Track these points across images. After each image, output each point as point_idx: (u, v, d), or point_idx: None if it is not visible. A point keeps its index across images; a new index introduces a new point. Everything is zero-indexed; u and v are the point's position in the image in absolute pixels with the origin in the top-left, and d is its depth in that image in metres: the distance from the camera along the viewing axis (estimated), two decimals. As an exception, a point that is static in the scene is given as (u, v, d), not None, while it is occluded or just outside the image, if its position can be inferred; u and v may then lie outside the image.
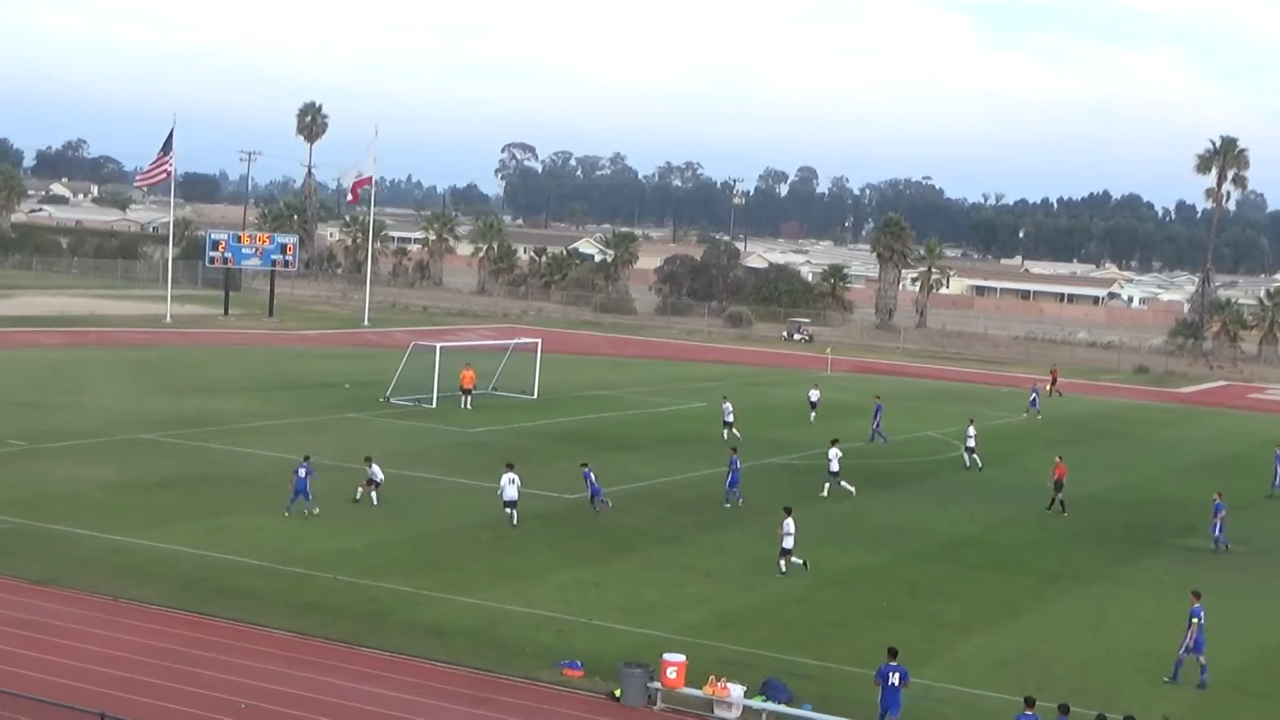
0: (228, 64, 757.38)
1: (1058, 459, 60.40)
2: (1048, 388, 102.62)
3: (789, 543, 44.42)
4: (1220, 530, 52.46)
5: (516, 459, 55.69)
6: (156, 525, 45.85)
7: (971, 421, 69.00)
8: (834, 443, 59.39)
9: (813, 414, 79.36)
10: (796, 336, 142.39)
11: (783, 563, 44.49)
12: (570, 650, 35.22)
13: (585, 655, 34.74)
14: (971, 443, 67.56)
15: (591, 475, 51.76)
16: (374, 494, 50.92)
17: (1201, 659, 36.51)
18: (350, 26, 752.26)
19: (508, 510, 49.06)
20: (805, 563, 44.63)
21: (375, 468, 51.31)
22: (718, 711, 31.99)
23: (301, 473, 49.14)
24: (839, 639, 38.41)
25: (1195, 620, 36.74)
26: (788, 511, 45.01)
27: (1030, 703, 29.64)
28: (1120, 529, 54.84)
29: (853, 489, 57.46)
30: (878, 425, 73.88)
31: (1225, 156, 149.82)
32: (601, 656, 34.77)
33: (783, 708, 31.86)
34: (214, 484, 53.39)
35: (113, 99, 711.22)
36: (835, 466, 58.20)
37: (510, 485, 49.04)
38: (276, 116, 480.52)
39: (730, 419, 71.32)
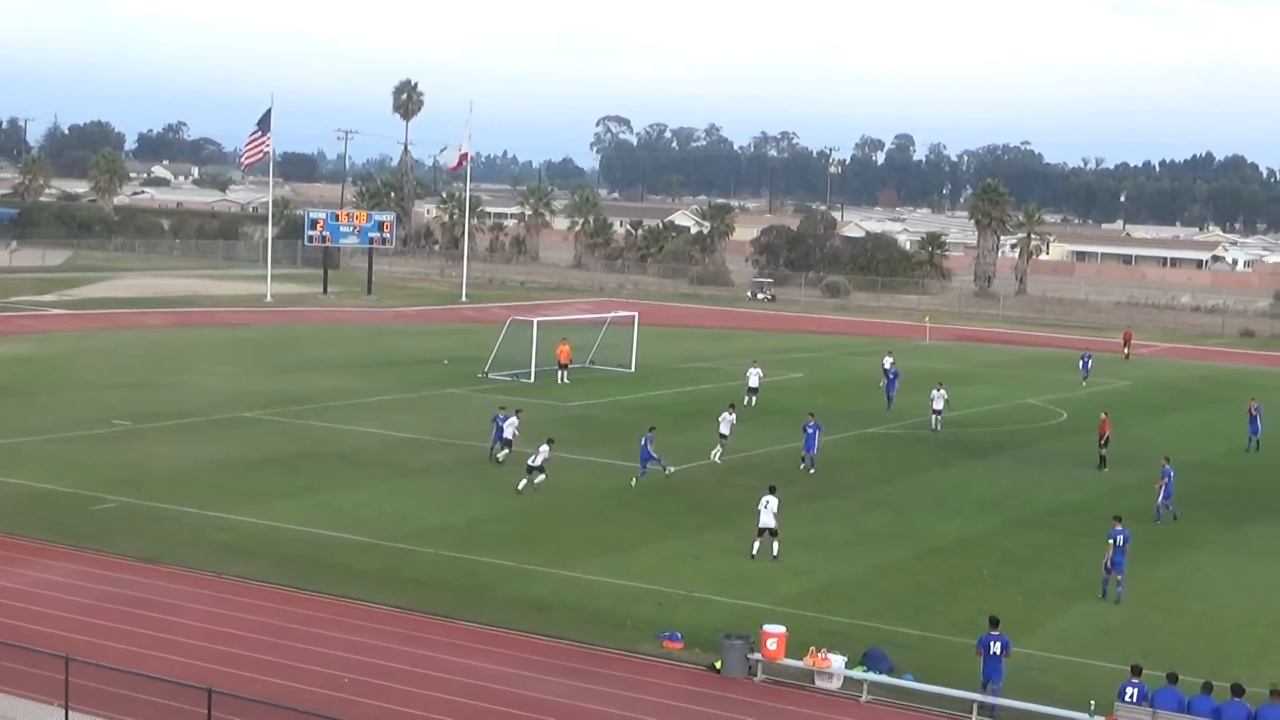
0: (324, 43, 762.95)
1: (1103, 415, 60.11)
2: (1123, 351, 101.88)
3: (768, 521, 42.15)
4: (1165, 496, 49.74)
5: (614, 432, 56.07)
6: (259, 502, 46.31)
7: (940, 385, 68.35)
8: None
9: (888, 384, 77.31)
10: (760, 296, 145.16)
11: (757, 543, 42.32)
12: (670, 622, 35.23)
13: (685, 627, 34.74)
14: (939, 405, 66.72)
15: (648, 443, 51.72)
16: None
17: (1120, 577, 39.15)
18: (444, 3, 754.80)
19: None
20: (774, 556, 42.29)
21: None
22: (819, 682, 31.91)
23: (501, 420, 53.46)
24: (940, 609, 38.19)
25: (1111, 541, 39.37)
26: (772, 490, 43.07)
27: (1137, 671, 29.30)
28: (1227, 495, 54.12)
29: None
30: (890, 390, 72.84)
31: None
32: (702, 628, 34.76)
33: (884, 678, 31.73)
34: (315, 461, 53.85)
35: (211, 81, 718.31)
36: (725, 430, 57.13)
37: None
38: (372, 95, 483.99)
39: (756, 384, 70.83)
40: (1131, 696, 28.76)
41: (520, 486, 48.94)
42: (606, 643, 33.97)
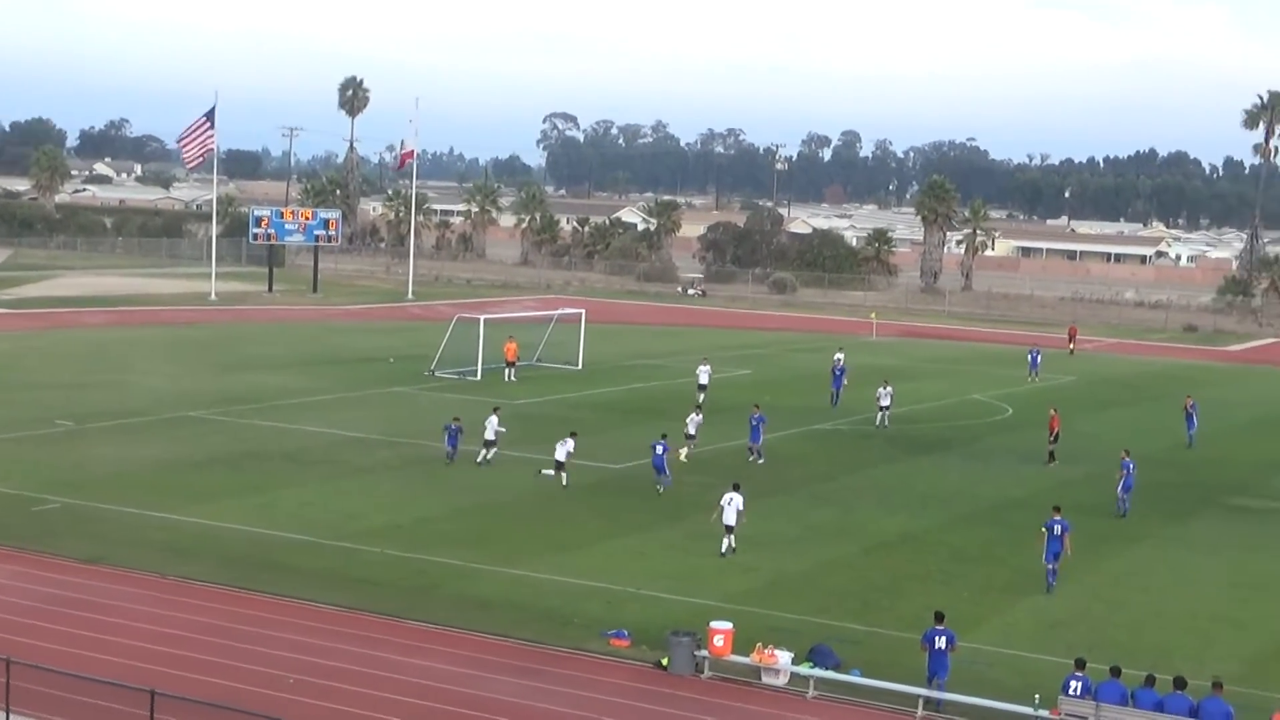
0: (269, 40, 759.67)
1: (1052, 411, 60.56)
2: (1069, 346, 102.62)
3: (731, 518, 42.40)
4: (1125, 489, 50.46)
5: (562, 430, 55.74)
6: (203, 502, 46.02)
7: (886, 382, 68.68)
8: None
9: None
10: (691, 291, 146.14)
11: (725, 541, 42.51)
12: (618, 620, 35.21)
13: (633, 625, 34.72)
14: (886, 401, 66.97)
15: (660, 449, 51.32)
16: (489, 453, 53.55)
17: (1056, 566, 39.90)
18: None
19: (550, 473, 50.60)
20: (731, 550, 42.39)
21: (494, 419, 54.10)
22: (765, 679, 31.94)
23: (454, 429, 53.67)
24: (886, 604, 38.31)
25: (1044, 530, 40.21)
26: (735, 487, 43.37)
27: (1081, 664, 29.52)
28: (1170, 489, 54.45)
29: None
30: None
31: (1273, 111, 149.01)
32: (649, 625, 34.74)
33: (830, 674, 31.78)
34: (260, 460, 53.57)
35: (154, 78, 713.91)
36: (692, 430, 57.49)
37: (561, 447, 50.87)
38: (318, 92, 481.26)
39: (706, 381, 71.03)
40: (1076, 690, 28.94)
41: (555, 477, 50.52)
42: (554, 641, 33.91)
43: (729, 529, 42.58)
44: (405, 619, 35.09)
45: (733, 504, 42.50)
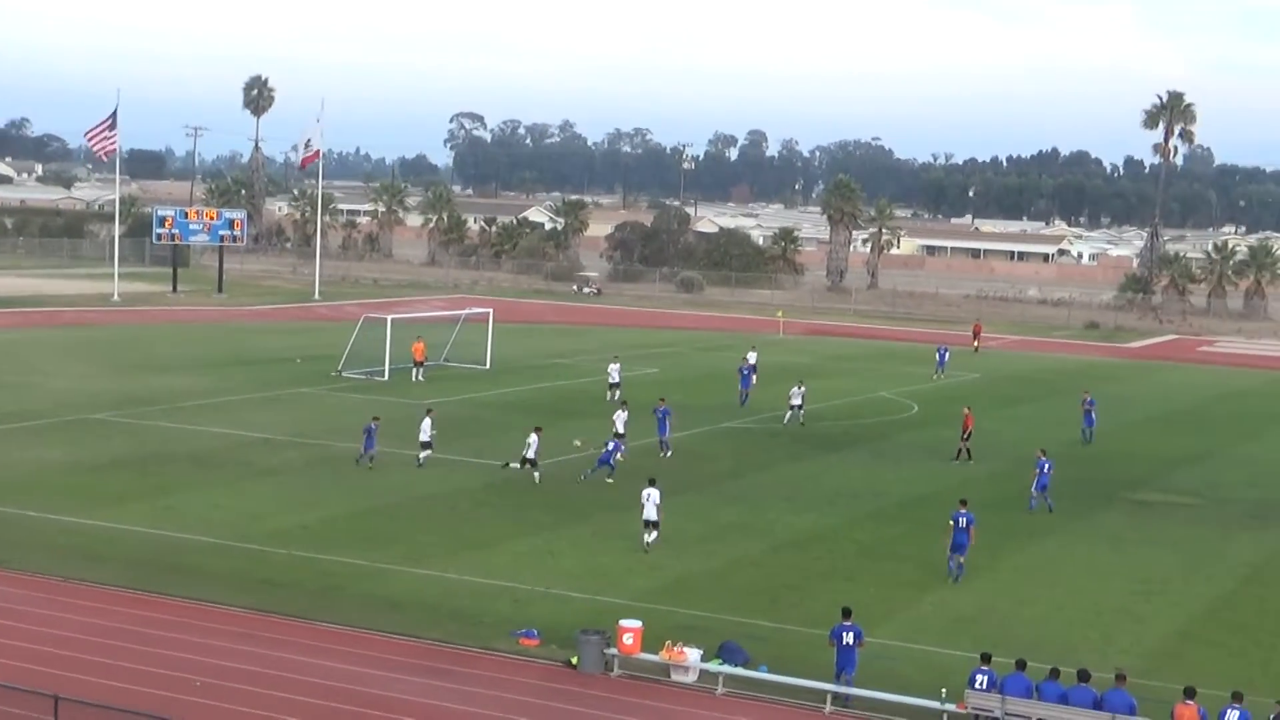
0: (172, 38, 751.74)
1: (966, 409, 61.19)
2: (973, 344, 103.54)
3: (651, 513, 42.73)
4: (1039, 488, 51.07)
5: (471, 429, 55.86)
6: (108, 505, 45.52)
7: (801, 382, 69.20)
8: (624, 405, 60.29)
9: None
10: (587, 290, 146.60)
11: (646, 536, 42.92)
12: (527, 619, 35.18)
13: (542, 624, 34.70)
14: (798, 400, 67.37)
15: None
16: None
17: (962, 559, 40.70)
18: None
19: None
20: (652, 545, 42.91)
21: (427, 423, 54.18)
22: (674, 676, 32.03)
23: (372, 426, 52.96)
24: (794, 601, 38.50)
25: (952, 523, 40.95)
26: (652, 482, 43.82)
27: (986, 659, 29.84)
28: (1073, 485, 54.99)
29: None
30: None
31: (1172, 111, 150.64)
32: (558, 624, 34.75)
33: (739, 670, 31.92)
34: (165, 462, 53.05)
35: (55, 77, 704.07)
36: (620, 428, 57.39)
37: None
38: (222, 91, 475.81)
39: (617, 379, 71.20)
40: (982, 684, 29.24)
41: (524, 471, 50.49)
42: (463, 640, 33.85)
43: (648, 524, 42.80)
44: (313, 620, 34.91)
45: (651, 499, 42.73)
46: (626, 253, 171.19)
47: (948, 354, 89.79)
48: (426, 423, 54.31)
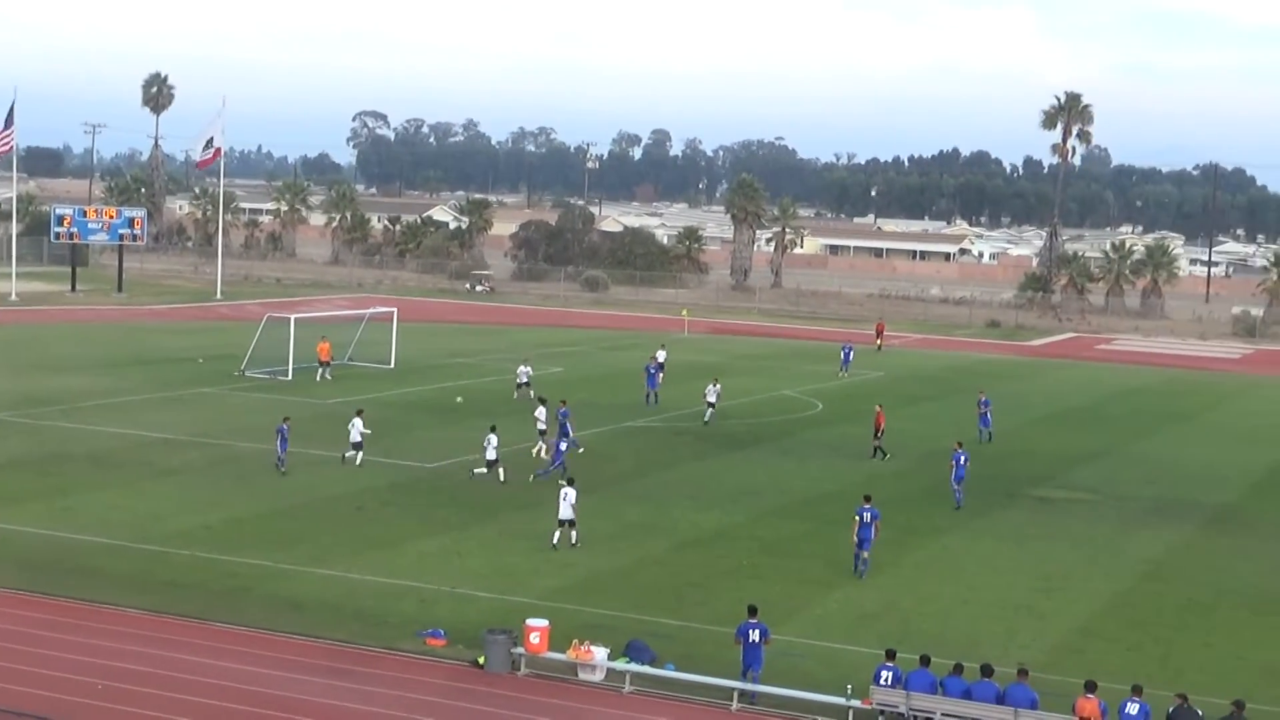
0: (69, 33, 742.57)
1: (878, 407, 61.67)
2: (876, 342, 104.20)
3: (567, 512, 42.89)
4: (957, 480, 51.73)
5: (376, 429, 55.50)
6: (5, 506, 44.91)
7: (716, 380, 69.64)
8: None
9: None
10: (479, 288, 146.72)
11: (557, 534, 43.04)
12: (433, 619, 35.05)
13: (448, 623, 34.59)
14: (713, 398, 67.69)
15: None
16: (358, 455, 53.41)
17: (865, 554, 41.26)
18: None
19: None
20: (572, 544, 43.09)
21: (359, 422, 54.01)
22: (582, 674, 32.03)
23: (283, 428, 52.01)
24: (700, 599, 38.59)
25: (856, 518, 41.45)
26: (570, 481, 44.13)
27: (891, 655, 30.06)
28: (975, 481, 55.31)
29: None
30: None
31: (1070, 112, 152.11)
32: (465, 624, 34.65)
33: (646, 668, 31.97)
34: (64, 463, 52.40)
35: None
36: (542, 426, 57.87)
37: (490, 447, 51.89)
38: (121, 88, 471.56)
39: (526, 380, 71.01)
40: (886, 680, 29.45)
41: (490, 475, 49.96)
42: (368, 641, 33.68)
43: (563, 523, 42.94)
44: (215, 622, 34.60)
45: (567, 499, 42.88)
46: (531, 252, 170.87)
47: (852, 352, 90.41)
48: (357, 422, 54.05)
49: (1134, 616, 39.04)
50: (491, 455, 51.06)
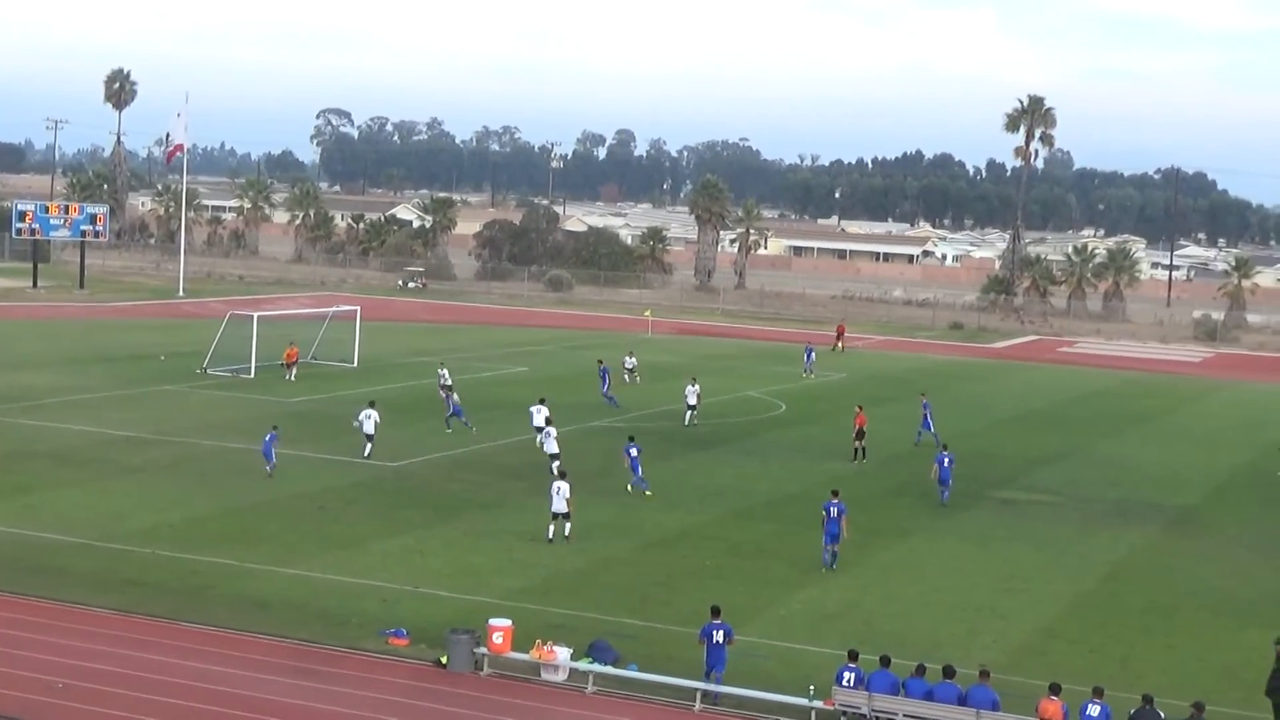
0: (30, 28, 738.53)
1: (858, 409, 61.82)
2: (835, 344, 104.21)
3: (560, 506, 43.63)
4: (941, 481, 52.57)
5: (336, 428, 55.44)
6: (-34, 504, 44.72)
7: (694, 380, 69.71)
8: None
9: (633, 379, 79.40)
10: (411, 285, 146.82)
11: (551, 528, 43.71)
12: (396, 619, 35.02)
13: (411, 623, 34.57)
14: (693, 400, 67.79)
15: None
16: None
17: (834, 547, 42.12)
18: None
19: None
20: (565, 538, 43.77)
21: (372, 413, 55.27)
22: (544, 675, 32.05)
23: (269, 439, 51.49)
24: (663, 599, 38.64)
25: (824, 512, 42.36)
26: (562, 475, 44.99)
27: (853, 656, 30.17)
28: (935, 483, 55.66)
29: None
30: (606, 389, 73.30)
31: (1033, 115, 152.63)
32: (428, 624, 34.63)
33: (609, 669, 32.00)
34: (25, 460, 52.16)
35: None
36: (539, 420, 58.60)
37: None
38: (83, 84, 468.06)
39: (449, 382, 70.44)
40: (849, 680, 29.56)
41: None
42: (331, 640, 33.64)
43: (556, 516, 43.55)
44: (178, 620, 34.52)
45: (560, 492, 43.54)
46: (495, 251, 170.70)
47: (814, 354, 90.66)
48: (373, 413, 55.06)
49: (1096, 618, 39.24)
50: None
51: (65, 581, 37.21)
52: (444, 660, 32.27)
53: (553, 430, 55.00)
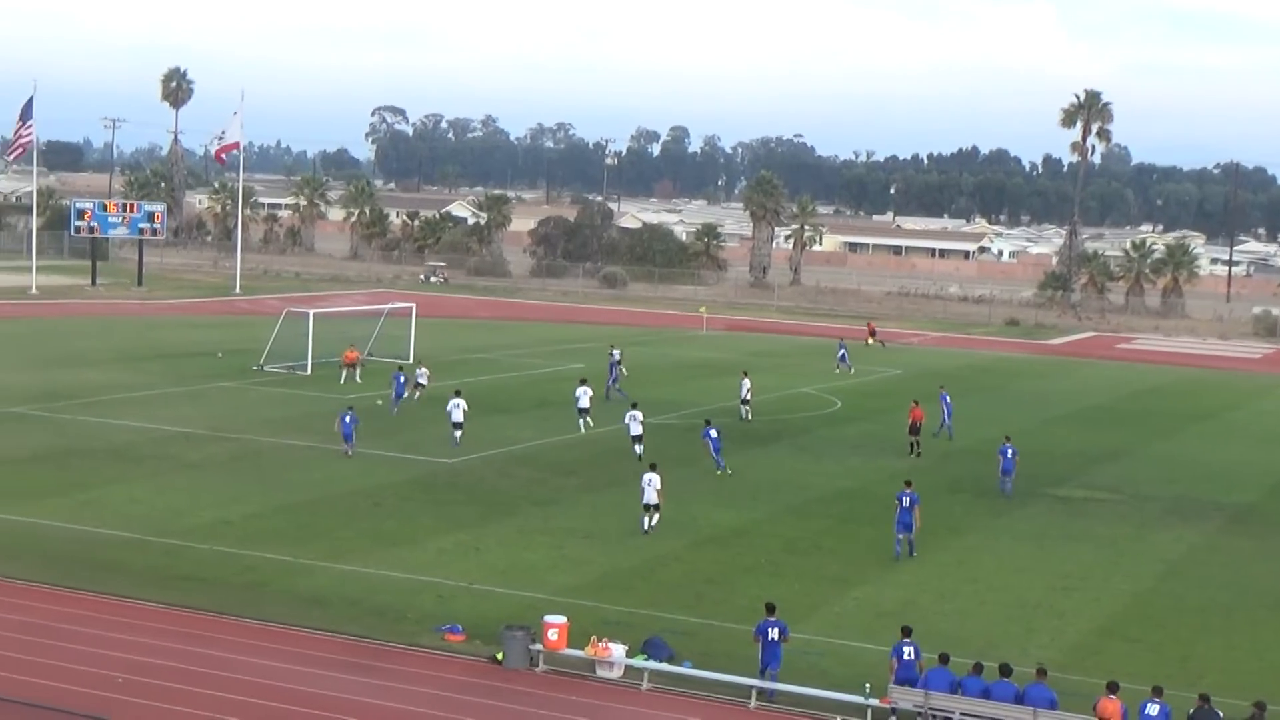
0: (89, 28, 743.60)
1: (914, 404, 61.53)
2: (867, 339, 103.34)
3: (651, 497, 44.60)
4: (1004, 472, 53.62)
5: (394, 424, 55.62)
6: (26, 500, 45.05)
7: (746, 374, 69.63)
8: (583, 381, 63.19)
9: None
10: (433, 279, 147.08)
11: (645, 519, 44.75)
12: (451, 615, 35.09)
13: (466, 619, 34.63)
14: (746, 395, 67.86)
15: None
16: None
17: (909, 537, 42.91)
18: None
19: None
20: (651, 528, 44.70)
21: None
22: (600, 672, 32.04)
23: (346, 419, 53.49)
24: (718, 596, 38.57)
25: (897, 502, 43.08)
26: (653, 467, 45.58)
27: (907, 631, 31.06)
28: (995, 480, 55.35)
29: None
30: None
31: (1090, 110, 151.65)
32: (483, 620, 34.68)
33: (664, 666, 31.98)
34: (85, 457, 52.54)
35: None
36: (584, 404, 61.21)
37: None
38: (141, 83, 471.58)
39: (425, 381, 70.03)
40: (909, 654, 30.32)
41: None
42: (387, 636, 33.73)
43: (648, 508, 44.37)
44: (236, 616, 34.68)
45: (651, 484, 44.40)
46: (549, 248, 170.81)
47: (847, 351, 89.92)
48: (461, 403, 56.90)
49: (1154, 617, 38.97)
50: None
51: (123, 577, 37.45)
52: (499, 657, 32.31)
53: (638, 413, 56.52)
